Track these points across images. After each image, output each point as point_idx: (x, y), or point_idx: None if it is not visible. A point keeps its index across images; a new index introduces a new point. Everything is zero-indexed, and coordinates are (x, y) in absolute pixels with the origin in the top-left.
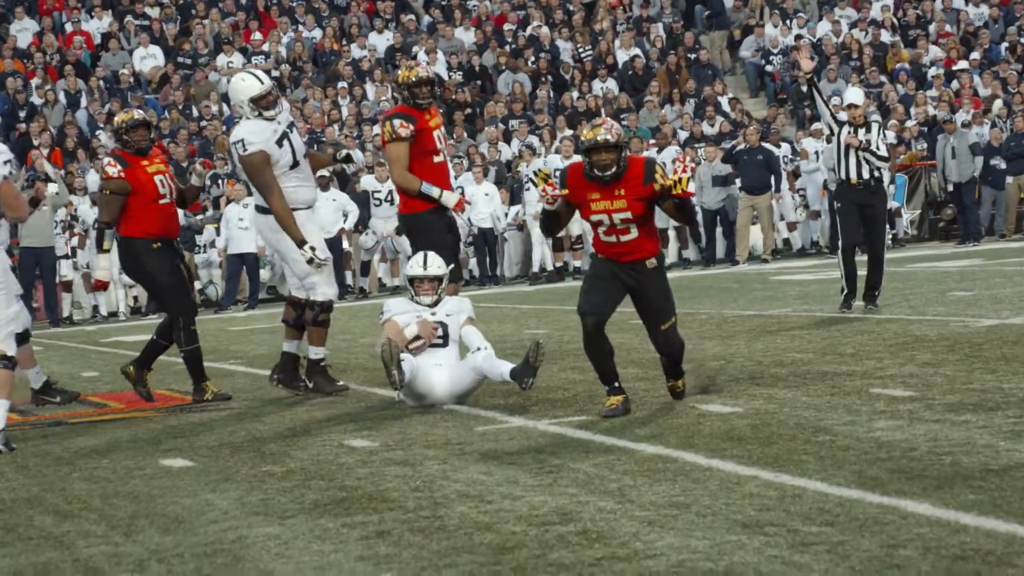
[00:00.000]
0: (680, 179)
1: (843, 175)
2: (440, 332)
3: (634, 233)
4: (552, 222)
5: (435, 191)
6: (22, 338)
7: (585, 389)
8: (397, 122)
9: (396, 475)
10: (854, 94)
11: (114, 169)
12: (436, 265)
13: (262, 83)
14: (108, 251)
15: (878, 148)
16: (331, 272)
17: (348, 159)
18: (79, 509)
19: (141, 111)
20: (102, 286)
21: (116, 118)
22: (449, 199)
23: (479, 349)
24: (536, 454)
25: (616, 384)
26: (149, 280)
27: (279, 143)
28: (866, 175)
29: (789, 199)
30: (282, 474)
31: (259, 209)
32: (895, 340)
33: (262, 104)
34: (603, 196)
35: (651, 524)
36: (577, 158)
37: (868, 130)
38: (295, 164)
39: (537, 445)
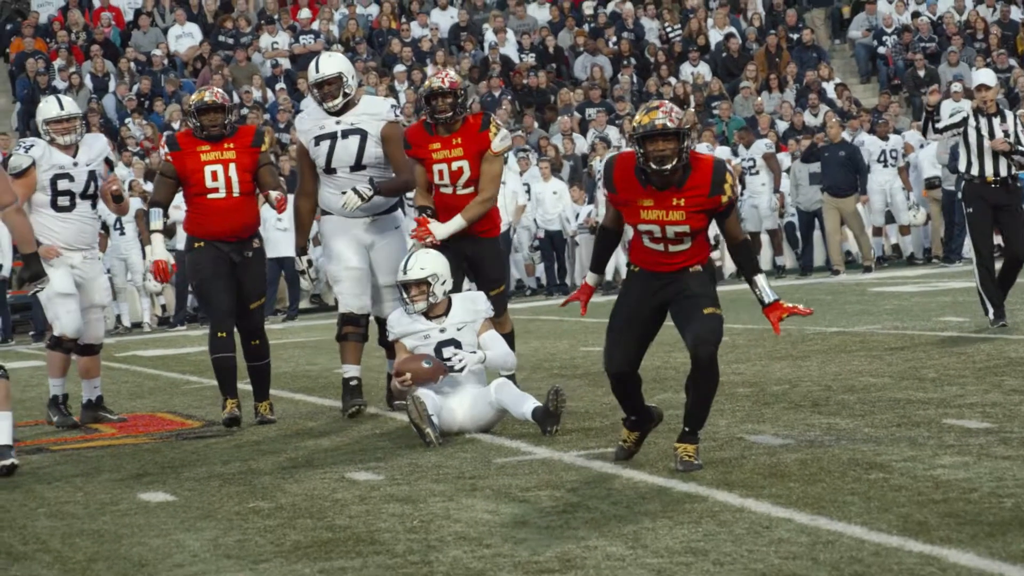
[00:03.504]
0: None
1: (976, 172)
2: (454, 356)
3: (686, 244)
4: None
5: None
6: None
7: None
8: None
9: (393, 513)
10: (985, 75)
11: (164, 150)
12: (417, 267)
13: (319, 72)
14: (159, 232)
15: (1020, 142)
16: (359, 283)
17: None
18: (34, 550)
19: (218, 91)
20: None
21: (192, 96)
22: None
23: (499, 377)
24: (553, 491)
25: (634, 418)
26: (190, 282)
27: (317, 141)
28: (1003, 171)
29: (901, 198)
30: (268, 511)
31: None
32: (985, 363)
33: (318, 94)
34: (657, 204)
35: (659, 573)
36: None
37: (1003, 119)
38: (328, 170)
39: (558, 480)
